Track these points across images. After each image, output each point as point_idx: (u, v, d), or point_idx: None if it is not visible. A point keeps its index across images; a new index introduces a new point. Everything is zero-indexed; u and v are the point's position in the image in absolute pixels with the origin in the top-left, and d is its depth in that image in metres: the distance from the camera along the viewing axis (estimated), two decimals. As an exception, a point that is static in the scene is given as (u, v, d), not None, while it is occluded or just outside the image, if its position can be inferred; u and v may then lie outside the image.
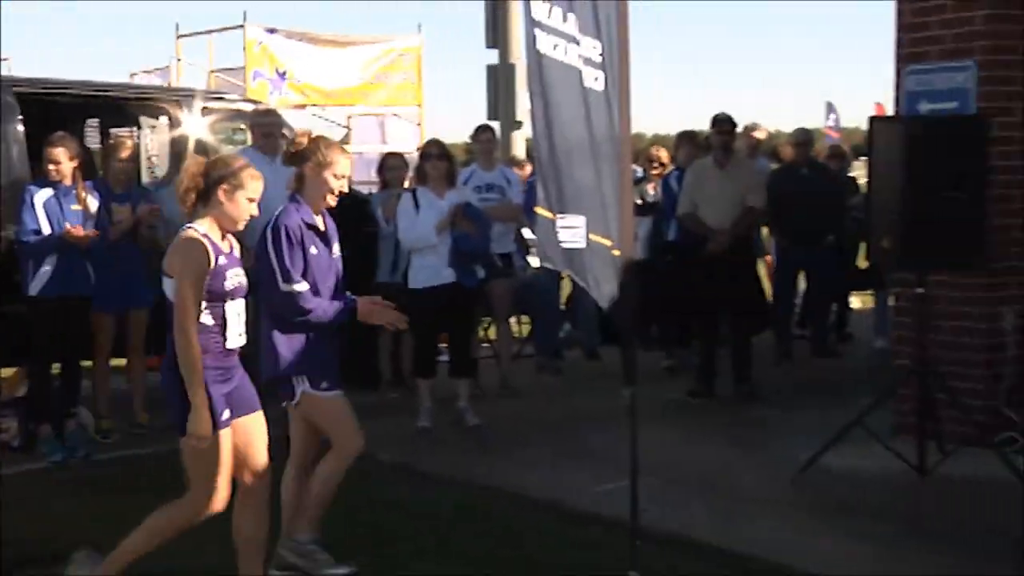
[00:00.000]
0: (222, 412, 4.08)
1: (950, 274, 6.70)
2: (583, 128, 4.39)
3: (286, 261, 4.51)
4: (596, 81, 4.41)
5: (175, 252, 4.10)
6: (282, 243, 4.53)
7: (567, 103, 4.35)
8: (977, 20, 6.66)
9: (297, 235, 4.56)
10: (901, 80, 7.03)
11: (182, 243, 4.10)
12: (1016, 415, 6.77)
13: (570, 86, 4.36)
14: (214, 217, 4.16)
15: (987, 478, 5.98)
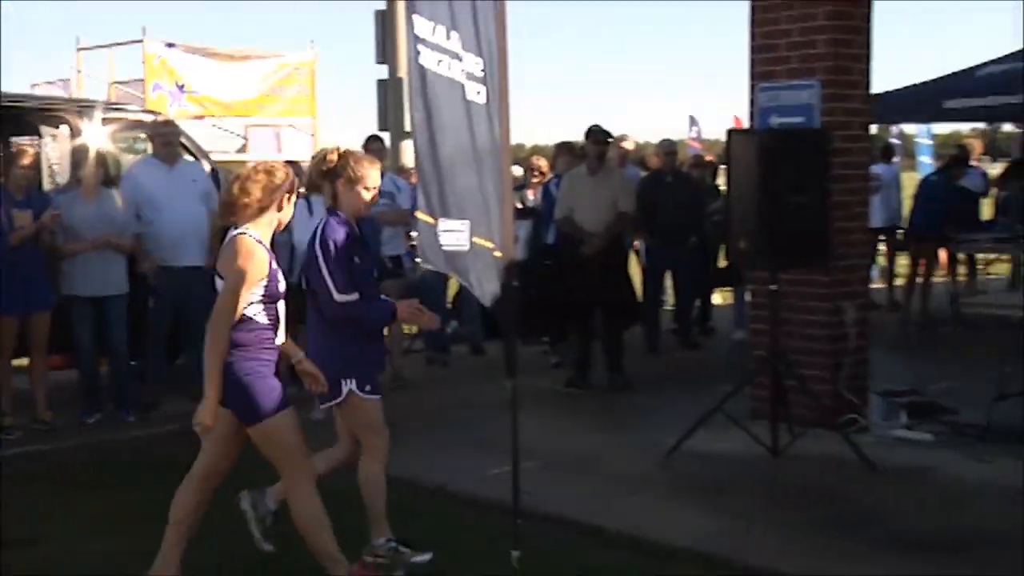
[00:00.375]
0: (280, 397, 4.09)
1: (799, 272, 6.87)
2: (466, 138, 4.41)
3: (337, 273, 4.41)
4: (478, 95, 4.44)
5: (237, 255, 4.01)
6: (331, 256, 4.41)
7: (450, 115, 4.37)
8: (819, 44, 6.85)
9: (343, 247, 4.45)
10: (755, 96, 7.19)
11: (245, 247, 4.02)
12: (856, 399, 7.00)
13: (453, 99, 4.38)
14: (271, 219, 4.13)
15: (832, 456, 6.17)
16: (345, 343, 4.52)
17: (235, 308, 3.99)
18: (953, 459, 6.23)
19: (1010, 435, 6.64)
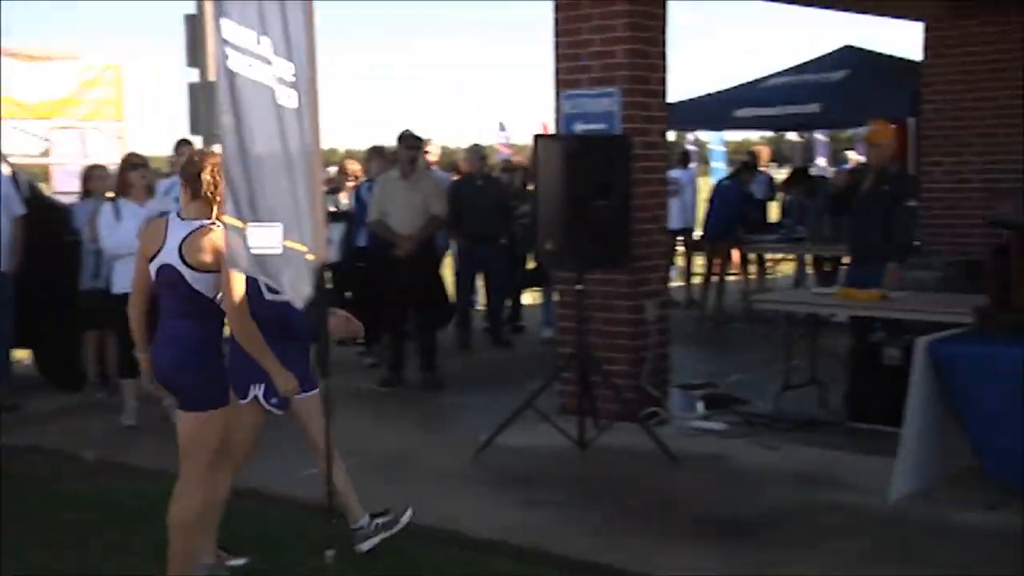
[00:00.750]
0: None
1: (603, 272, 7.04)
2: (278, 143, 4.32)
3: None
4: (289, 100, 4.36)
5: (219, 245, 3.95)
6: None
7: (261, 120, 4.27)
8: (619, 54, 7.04)
9: None
10: (560, 104, 7.34)
11: (221, 237, 3.95)
12: (658, 392, 7.22)
13: (264, 104, 4.28)
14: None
15: (635, 448, 6.35)
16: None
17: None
18: (745, 447, 6.51)
19: (795, 423, 7.00)
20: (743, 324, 11.32)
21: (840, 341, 7.39)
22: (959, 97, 10.08)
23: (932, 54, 10.27)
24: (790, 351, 7.48)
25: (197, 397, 4.08)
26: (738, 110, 11.76)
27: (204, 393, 4.07)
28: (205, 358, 4.07)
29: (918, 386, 5.18)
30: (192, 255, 4.03)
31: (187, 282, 4.03)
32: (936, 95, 10.22)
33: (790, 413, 7.15)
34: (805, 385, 7.46)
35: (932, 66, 10.27)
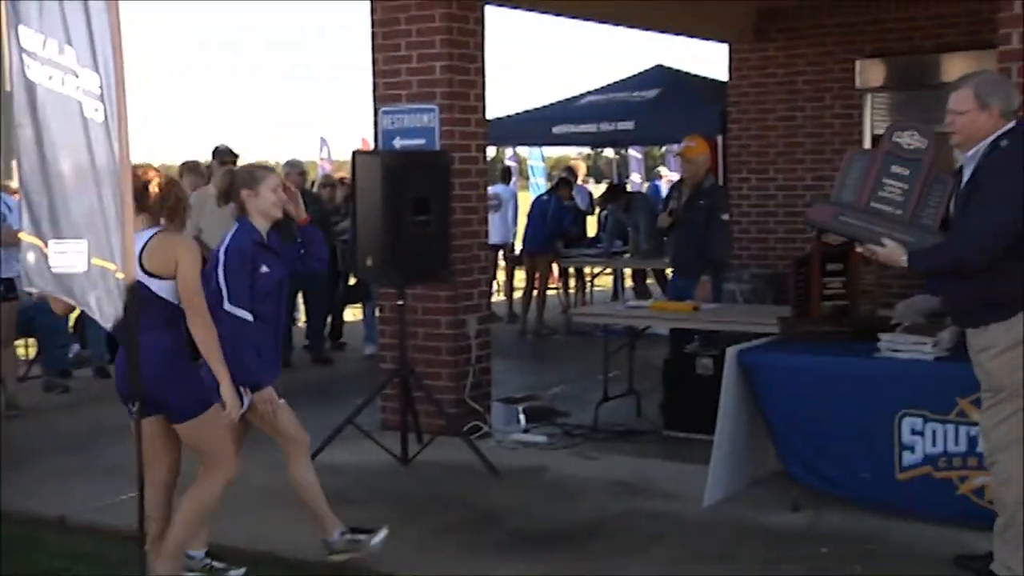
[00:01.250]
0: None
1: (424, 287, 7.04)
2: (85, 157, 4.14)
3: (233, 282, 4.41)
4: (96, 112, 4.19)
5: (181, 251, 4.05)
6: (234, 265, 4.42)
7: (66, 133, 4.09)
8: (437, 70, 7.07)
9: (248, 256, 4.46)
10: (379, 119, 7.31)
11: (183, 243, 4.09)
12: (480, 406, 7.26)
13: (69, 116, 4.10)
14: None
15: (458, 462, 6.36)
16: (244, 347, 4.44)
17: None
18: (565, 458, 6.61)
19: (614, 433, 7.15)
20: (563, 337, 11.52)
21: (657, 352, 7.59)
22: (761, 116, 10.56)
23: (736, 75, 10.73)
24: (608, 363, 7.65)
25: (183, 408, 4.13)
26: (556, 127, 11.98)
27: (188, 402, 4.12)
28: (181, 368, 4.11)
29: (728, 394, 5.37)
30: (153, 263, 4.07)
31: (153, 291, 4.07)
32: (741, 114, 10.68)
33: (609, 424, 7.30)
34: (623, 396, 7.64)
35: (736, 86, 10.73)
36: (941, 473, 4.98)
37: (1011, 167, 4.05)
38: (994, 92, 4.15)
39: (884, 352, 5.13)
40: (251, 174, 4.66)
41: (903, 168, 4.32)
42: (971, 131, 4.16)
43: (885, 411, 5.06)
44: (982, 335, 4.21)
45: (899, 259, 4.25)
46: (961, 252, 4.13)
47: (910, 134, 4.32)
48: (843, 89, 10.22)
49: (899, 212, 4.32)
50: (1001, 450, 4.21)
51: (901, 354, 5.07)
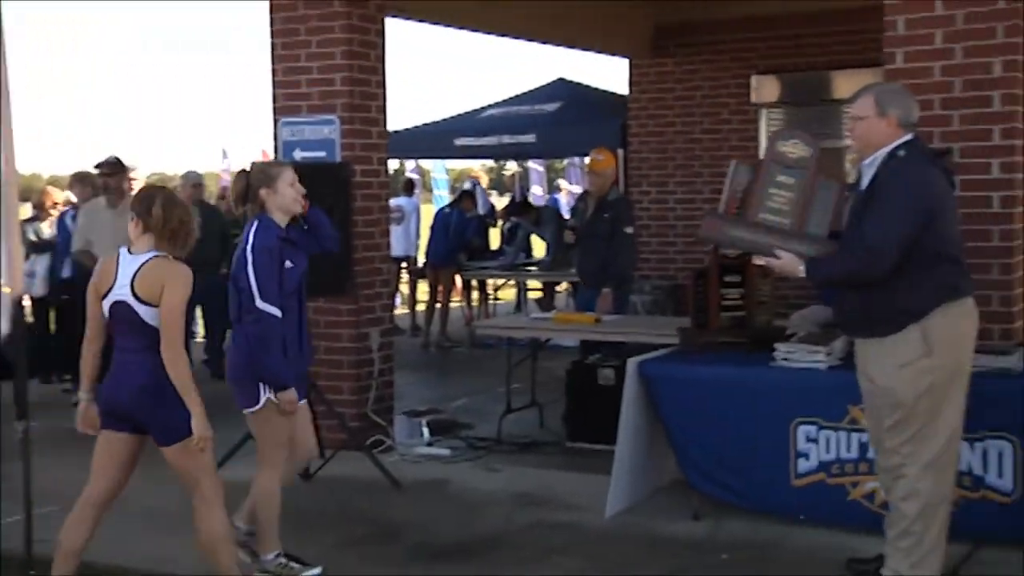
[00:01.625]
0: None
1: (325, 300, 6.96)
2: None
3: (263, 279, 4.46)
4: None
5: (169, 278, 3.99)
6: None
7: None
8: (338, 81, 7.01)
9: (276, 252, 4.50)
10: (278, 130, 7.22)
11: (173, 271, 4.03)
12: (383, 420, 7.21)
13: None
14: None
15: (361, 477, 6.30)
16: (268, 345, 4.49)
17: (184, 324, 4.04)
18: (469, 471, 6.59)
19: (517, 445, 7.16)
20: (467, 349, 11.51)
21: (560, 364, 7.63)
22: (661, 130, 10.72)
23: (636, 89, 10.87)
24: (511, 375, 7.66)
25: (168, 429, 4.06)
26: (458, 139, 11.99)
27: (173, 425, 4.05)
28: (167, 391, 4.04)
29: (629, 405, 5.42)
30: (144, 289, 4.01)
31: (141, 317, 4.01)
32: (641, 128, 10.82)
33: (512, 436, 7.31)
34: (526, 408, 7.65)
35: (636, 100, 10.87)
36: (834, 479, 5.09)
37: (909, 177, 4.10)
38: (893, 101, 4.23)
39: (780, 362, 5.23)
40: (266, 172, 4.67)
41: (788, 177, 4.30)
42: (869, 138, 4.23)
43: (781, 419, 5.16)
44: (879, 348, 4.21)
45: (796, 269, 4.25)
46: (859, 263, 4.13)
47: (794, 143, 4.32)
48: (739, 104, 10.43)
49: (787, 222, 4.30)
50: (910, 466, 4.20)
51: (796, 363, 5.17)
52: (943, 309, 4.13)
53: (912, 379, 4.14)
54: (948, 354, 4.15)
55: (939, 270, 4.15)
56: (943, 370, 4.14)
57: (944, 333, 4.13)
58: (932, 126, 5.42)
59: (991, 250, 5.37)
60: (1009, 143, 5.37)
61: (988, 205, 5.39)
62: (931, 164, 4.23)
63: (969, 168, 5.39)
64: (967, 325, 4.24)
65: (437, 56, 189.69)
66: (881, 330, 4.19)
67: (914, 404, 4.15)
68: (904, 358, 4.14)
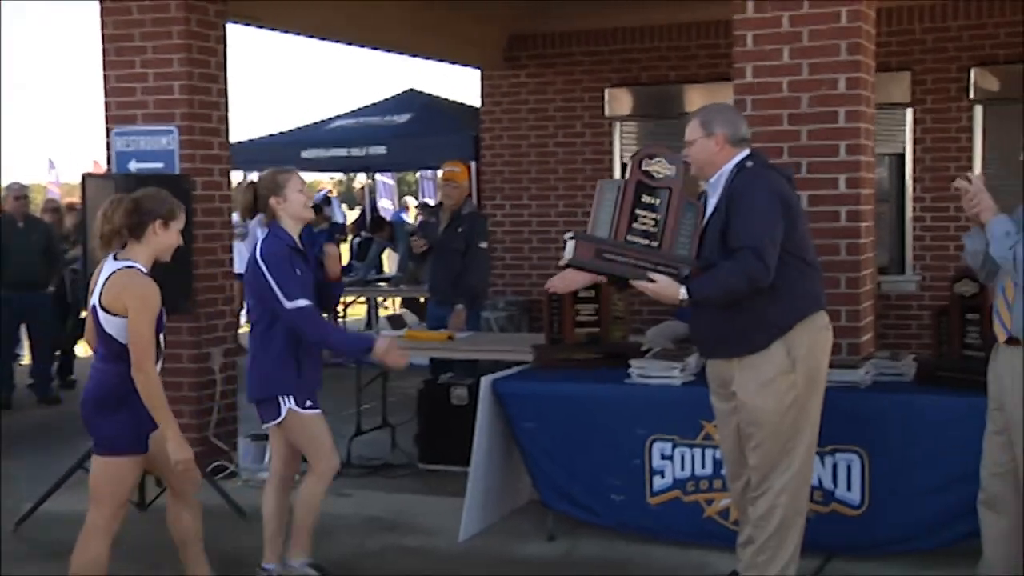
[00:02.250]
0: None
1: (167, 318, 6.74)
2: None
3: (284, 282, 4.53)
4: None
5: (131, 293, 4.02)
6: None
7: None
8: (176, 89, 6.85)
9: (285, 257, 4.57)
10: (111, 140, 7.00)
11: (133, 282, 4.05)
12: (225, 444, 7.04)
13: None
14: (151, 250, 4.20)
15: (203, 504, 6.11)
16: (282, 362, 4.61)
17: (152, 341, 4.07)
18: (318, 495, 6.47)
19: (368, 468, 7.09)
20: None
21: (412, 383, 7.59)
22: (514, 143, 10.81)
23: (488, 101, 10.94)
24: (361, 395, 7.58)
25: (104, 441, 4.14)
26: (305, 151, 11.84)
27: (111, 438, 4.12)
28: (115, 404, 4.10)
29: (483, 424, 5.42)
30: (107, 297, 4.07)
31: (103, 326, 4.09)
32: (494, 140, 10.89)
33: (363, 458, 7.23)
34: (377, 429, 7.58)
35: (489, 112, 10.94)
36: (689, 497, 5.20)
37: (764, 181, 4.21)
38: (717, 119, 4.34)
39: (634, 378, 5.32)
40: (274, 180, 4.71)
41: (654, 198, 4.30)
42: (702, 158, 4.34)
43: (636, 436, 5.25)
44: (741, 366, 4.27)
45: (676, 293, 4.18)
46: (742, 270, 4.11)
47: (658, 161, 4.33)
48: (593, 117, 10.61)
49: (655, 244, 4.28)
50: (772, 482, 4.28)
51: (650, 380, 5.27)
52: (806, 322, 4.25)
53: (778, 396, 4.22)
54: (809, 368, 4.26)
55: (804, 280, 4.26)
56: (804, 386, 4.25)
57: (806, 347, 4.24)
58: (781, 141, 5.63)
59: (839, 264, 5.60)
60: (855, 159, 5.61)
61: (836, 219, 5.62)
62: (778, 173, 4.37)
63: (817, 183, 5.61)
64: (826, 337, 4.36)
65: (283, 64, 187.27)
66: (745, 348, 4.25)
67: (779, 421, 4.24)
68: (768, 374, 4.22)
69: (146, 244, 4.20)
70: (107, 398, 4.11)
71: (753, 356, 4.24)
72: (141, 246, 4.19)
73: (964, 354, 4.94)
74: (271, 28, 8.45)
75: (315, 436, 4.72)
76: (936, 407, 4.82)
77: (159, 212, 4.20)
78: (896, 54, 9.36)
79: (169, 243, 4.27)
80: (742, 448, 4.41)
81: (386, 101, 12.77)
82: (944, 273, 8.84)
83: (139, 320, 4.02)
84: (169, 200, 4.26)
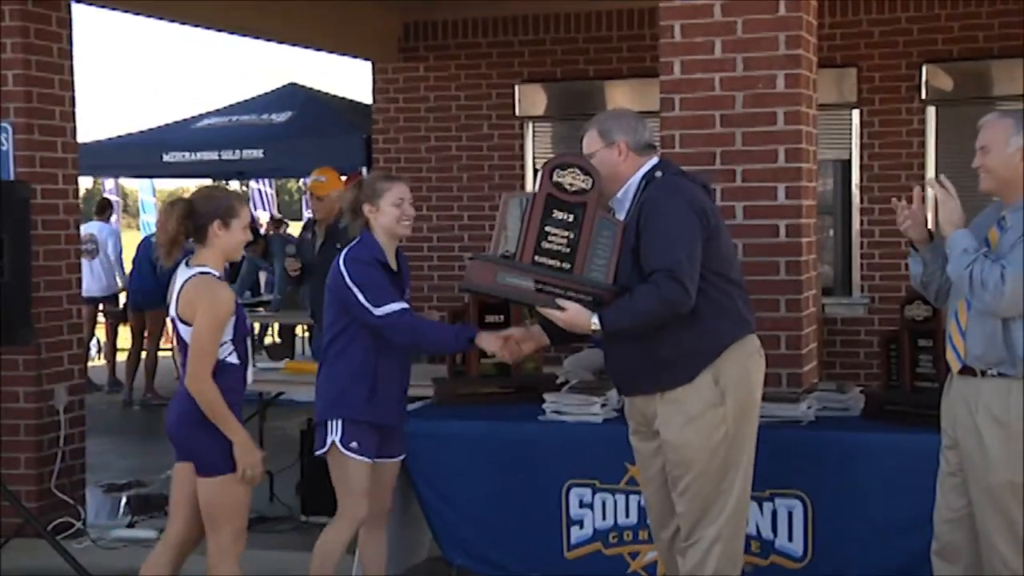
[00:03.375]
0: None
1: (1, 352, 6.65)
2: None
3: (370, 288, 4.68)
4: None
5: (201, 298, 4.30)
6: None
7: None
8: (10, 80, 6.73)
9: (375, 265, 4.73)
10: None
11: (205, 287, 4.32)
12: (71, 497, 6.91)
13: None
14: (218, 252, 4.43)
15: (43, 570, 6.01)
16: (349, 379, 4.73)
17: (214, 352, 4.30)
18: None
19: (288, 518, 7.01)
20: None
21: (294, 423, 7.54)
22: (412, 146, 10.82)
23: (382, 98, 10.94)
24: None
25: (204, 461, 4.37)
26: (168, 154, 11.70)
27: (213, 457, 4.34)
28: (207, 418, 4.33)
29: (375, 470, 5.39)
30: (182, 307, 4.37)
31: (181, 337, 4.38)
32: (389, 143, 10.89)
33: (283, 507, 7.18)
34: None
35: (383, 111, 10.93)
36: (612, 549, 5.24)
37: (676, 191, 4.25)
38: (616, 126, 4.42)
39: (549, 415, 5.34)
40: (373, 187, 4.86)
41: (566, 213, 4.30)
42: (606, 171, 4.35)
43: (551, 481, 5.27)
44: (664, 400, 4.30)
45: (587, 322, 4.20)
46: (658, 295, 4.13)
47: (571, 172, 4.34)
48: (502, 117, 10.66)
49: (567, 266, 4.29)
50: (703, 531, 4.31)
51: (567, 416, 5.30)
52: (734, 347, 4.31)
53: (706, 432, 4.26)
54: (740, 399, 4.30)
55: (729, 301, 4.31)
56: (735, 419, 4.30)
57: (736, 375, 4.29)
58: (713, 145, 5.71)
59: (778, 285, 5.68)
60: (796, 166, 5.70)
61: (775, 234, 5.70)
62: (691, 181, 4.40)
63: (753, 193, 5.70)
64: (757, 364, 4.42)
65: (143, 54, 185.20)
66: (667, 381, 4.29)
67: (708, 461, 4.28)
68: (695, 409, 4.26)
69: (211, 247, 4.43)
70: (200, 415, 4.34)
71: (676, 390, 4.28)
72: (207, 249, 4.44)
73: (916, 385, 5.06)
74: (128, 11, 8.36)
75: (349, 481, 4.78)
76: (885, 446, 4.91)
77: (215, 213, 4.41)
78: (841, 48, 9.59)
79: (235, 242, 4.48)
80: (668, 493, 4.45)
81: (263, 97, 12.70)
82: (895, 294, 9.00)
83: (201, 324, 4.30)
84: (225, 198, 4.52)
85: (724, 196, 5.57)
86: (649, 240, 4.21)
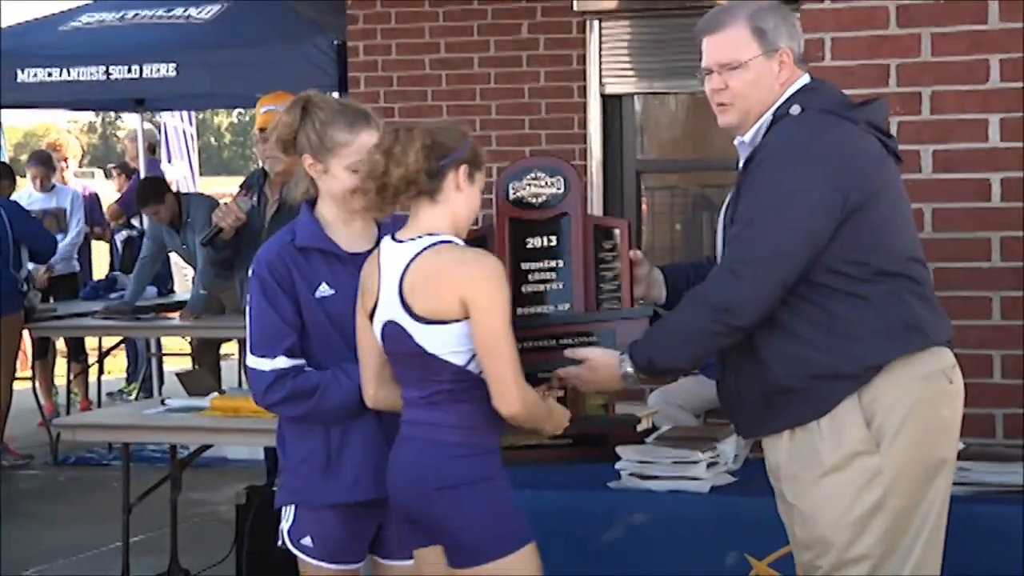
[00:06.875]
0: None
1: None
2: None
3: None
4: None
5: (486, 273, 4.20)
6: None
7: None
8: None
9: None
10: None
11: (468, 259, 4.25)
12: None
13: None
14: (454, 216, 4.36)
15: None
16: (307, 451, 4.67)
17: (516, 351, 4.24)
18: None
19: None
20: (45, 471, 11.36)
21: (227, 491, 7.63)
22: (411, 58, 10.86)
23: None
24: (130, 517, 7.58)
25: (476, 542, 4.28)
26: (24, 71, 11.77)
27: (491, 534, 4.28)
28: (472, 468, 4.29)
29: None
30: (418, 296, 4.24)
31: (415, 341, 4.25)
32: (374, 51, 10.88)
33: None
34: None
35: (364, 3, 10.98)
36: None
37: (816, 151, 4.20)
38: (780, 23, 4.36)
39: (626, 479, 5.41)
40: (325, 131, 4.57)
41: (542, 236, 4.45)
42: (752, 97, 4.35)
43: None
44: (787, 445, 4.31)
45: (615, 372, 4.36)
46: (708, 305, 4.20)
47: (532, 179, 4.45)
48: (552, 12, 10.67)
49: (564, 307, 4.39)
50: None
51: (655, 483, 5.36)
52: (898, 367, 4.23)
53: (846, 496, 4.23)
54: (907, 448, 4.23)
55: (890, 296, 4.24)
56: (899, 479, 4.23)
57: (901, 409, 4.22)
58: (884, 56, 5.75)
59: (989, 275, 5.67)
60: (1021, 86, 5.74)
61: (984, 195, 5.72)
62: (846, 119, 4.31)
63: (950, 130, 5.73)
64: (941, 395, 4.33)
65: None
66: (790, 415, 4.29)
67: (849, 543, 4.25)
68: (832, 458, 4.23)
69: (443, 204, 4.35)
70: (485, 464, 4.39)
71: (809, 426, 4.26)
72: (438, 208, 4.35)
73: None
74: None
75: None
76: None
77: (461, 156, 4.33)
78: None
79: (473, 207, 4.42)
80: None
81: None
82: None
83: (497, 318, 4.23)
84: (470, 138, 4.42)
85: (901, 136, 5.53)
86: (739, 217, 4.25)
